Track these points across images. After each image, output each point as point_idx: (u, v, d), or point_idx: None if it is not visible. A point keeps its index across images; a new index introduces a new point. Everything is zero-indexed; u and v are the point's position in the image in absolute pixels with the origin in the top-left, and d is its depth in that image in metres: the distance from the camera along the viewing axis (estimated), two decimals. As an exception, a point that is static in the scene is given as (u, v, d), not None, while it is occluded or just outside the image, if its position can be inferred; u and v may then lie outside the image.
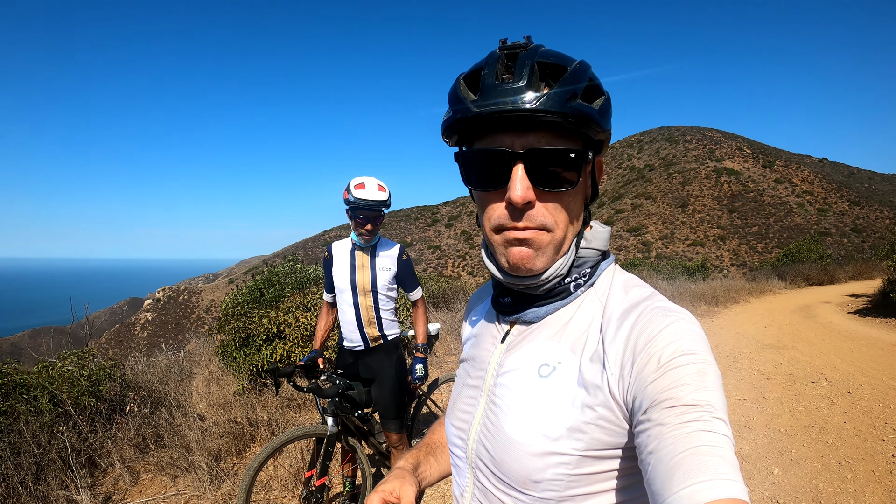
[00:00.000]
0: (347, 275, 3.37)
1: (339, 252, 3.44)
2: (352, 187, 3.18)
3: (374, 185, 3.20)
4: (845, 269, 24.86)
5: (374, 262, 3.38)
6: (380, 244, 3.43)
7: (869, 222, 62.06)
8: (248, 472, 2.96)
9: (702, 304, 14.80)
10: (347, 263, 3.39)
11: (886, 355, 8.09)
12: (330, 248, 3.49)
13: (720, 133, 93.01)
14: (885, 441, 4.73)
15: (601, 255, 0.91)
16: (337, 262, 3.42)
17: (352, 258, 3.39)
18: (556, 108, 0.75)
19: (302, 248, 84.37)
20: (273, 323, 5.88)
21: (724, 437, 0.63)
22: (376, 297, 3.39)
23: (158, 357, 6.83)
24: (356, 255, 3.38)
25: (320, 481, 3.16)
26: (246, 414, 4.92)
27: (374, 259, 3.39)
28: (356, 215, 3.21)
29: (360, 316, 3.39)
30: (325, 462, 3.17)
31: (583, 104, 0.77)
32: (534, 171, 0.79)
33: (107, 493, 3.92)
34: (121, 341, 38.33)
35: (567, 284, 0.88)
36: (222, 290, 58.05)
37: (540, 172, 0.79)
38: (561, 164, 0.79)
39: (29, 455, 3.72)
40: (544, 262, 0.84)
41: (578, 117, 0.77)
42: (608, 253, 0.94)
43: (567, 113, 0.76)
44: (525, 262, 0.83)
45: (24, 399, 4.14)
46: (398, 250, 3.45)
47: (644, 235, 63.71)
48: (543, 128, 0.79)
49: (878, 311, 12.85)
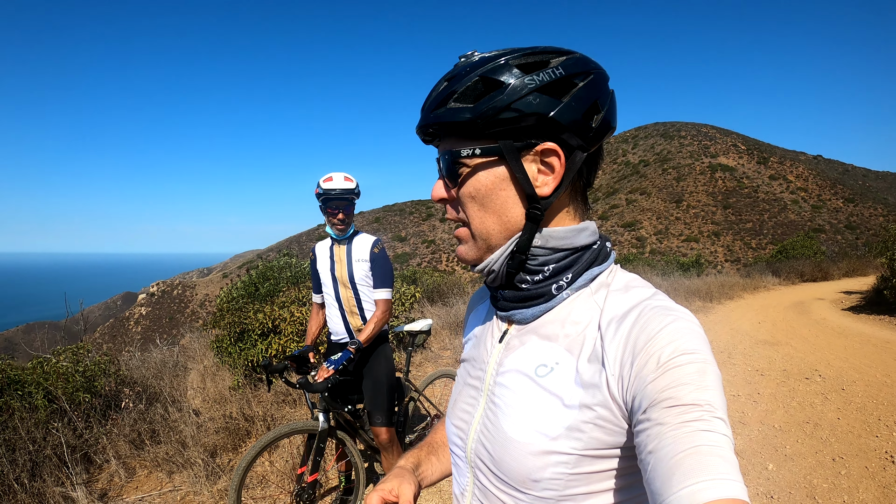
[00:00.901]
0: (328, 269, 3.52)
1: (320, 249, 3.60)
2: (320, 181, 3.34)
3: (341, 176, 3.35)
4: (839, 266, 24.90)
5: (350, 254, 3.49)
6: (356, 237, 3.53)
7: (863, 219, 62.36)
8: (238, 471, 2.97)
9: (696, 299, 14.83)
10: (328, 258, 3.53)
11: (880, 352, 8.13)
12: (314, 248, 3.66)
13: (715, 129, 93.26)
14: (878, 437, 4.76)
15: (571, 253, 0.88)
16: (319, 258, 3.58)
17: (331, 252, 3.53)
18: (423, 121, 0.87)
19: (297, 242, 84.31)
20: (268, 318, 5.87)
21: (724, 437, 0.63)
22: (355, 288, 3.49)
23: (153, 352, 6.81)
24: (334, 250, 3.52)
25: (312, 477, 3.16)
26: (241, 409, 4.92)
27: (349, 251, 3.49)
28: (327, 207, 3.34)
29: (343, 307, 3.53)
30: (317, 458, 3.17)
31: (448, 109, 0.84)
32: (445, 171, 0.88)
33: (102, 489, 3.91)
34: (115, 336, 38.26)
35: (548, 287, 0.88)
36: (217, 284, 57.97)
37: (448, 172, 0.87)
38: (457, 163, 0.86)
39: (24, 452, 3.71)
40: (473, 255, 0.90)
41: (437, 125, 0.86)
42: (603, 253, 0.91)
43: (429, 123, 0.86)
44: (460, 255, 0.93)
45: (19, 395, 4.13)
46: (371, 243, 3.51)
47: (638, 231, 63.87)
48: (449, 134, 0.86)
49: (871, 307, 12.89)
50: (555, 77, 0.80)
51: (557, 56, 0.83)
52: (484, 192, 0.85)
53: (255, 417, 4.82)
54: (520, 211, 0.85)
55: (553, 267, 0.87)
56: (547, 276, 0.88)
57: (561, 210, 0.88)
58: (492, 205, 0.86)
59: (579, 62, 0.83)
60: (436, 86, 0.87)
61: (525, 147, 0.82)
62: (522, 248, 0.86)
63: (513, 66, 0.80)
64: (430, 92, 0.88)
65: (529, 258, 0.88)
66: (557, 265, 0.87)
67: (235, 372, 5.73)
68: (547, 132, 0.81)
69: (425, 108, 0.88)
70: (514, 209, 0.85)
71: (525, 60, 0.81)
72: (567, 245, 0.87)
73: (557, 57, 0.83)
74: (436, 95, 0.86)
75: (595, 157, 0.89)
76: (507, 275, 0.90)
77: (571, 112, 0.80)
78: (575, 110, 0.80)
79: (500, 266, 0.89)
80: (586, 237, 0.88)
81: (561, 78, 0.80)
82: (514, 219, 0.86)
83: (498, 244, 0.88)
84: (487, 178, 0.84)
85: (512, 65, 0.81)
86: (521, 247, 0.86)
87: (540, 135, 0.81)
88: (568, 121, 0.80)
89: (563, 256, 0.88)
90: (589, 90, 0.82)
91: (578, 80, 0.82)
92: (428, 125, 0.86)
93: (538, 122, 0.80)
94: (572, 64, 0.82)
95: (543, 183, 0.84)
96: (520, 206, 0.85)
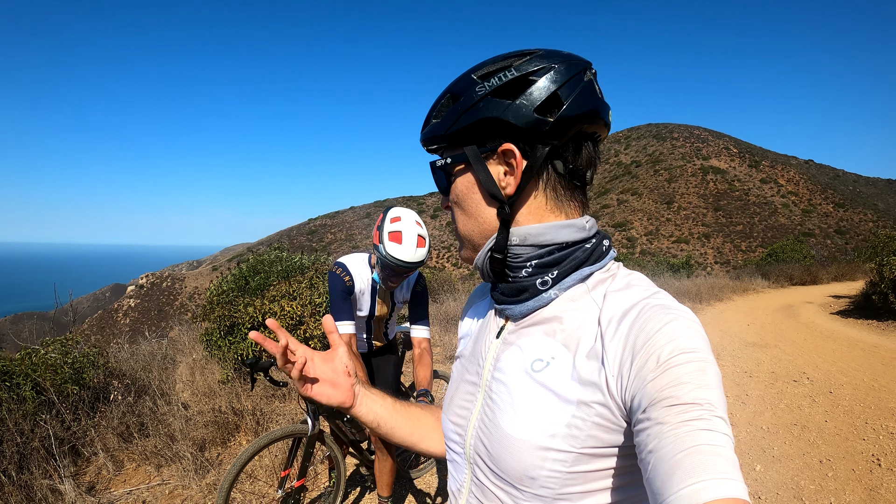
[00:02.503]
0: (366, 309, 3.11)
1: (359, 281, 3.01)
2: (385, 235, 2.72)
3: (413, 240, 2.72)
4: (828, 270, 25.11)
5: (394, 298, 3.18)
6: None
7: (852, 224, 62.83)
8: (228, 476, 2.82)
9: (686, 301, 14.86)
10: (368, 299, 3.08)
11: (867, 356, 8.20)
12: (347, 269, 2.99)
13: (707, 131, 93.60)
14: (865, 440, 4.80)
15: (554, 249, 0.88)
16: (358, 289, 3.02)
17: (373, 295, 3.08)
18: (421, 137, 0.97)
19: (287, 236, 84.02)
20: (258, 311, 5.85)
21: (724, 436, 0.63)
22: (388, 321, 3.32)
23: (142, 344, 6.79)
24: (378, 292, 3.09)
25: (300, 482, 3.09)
26: (230, 403, 4.90)
27: (393, 296, 3.18)
28: (385, 267, 2.81)
29: (371, 335, 3.32)
30: (305, 463, 3.08)
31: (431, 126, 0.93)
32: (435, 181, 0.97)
33: (90, 482, 3.89)
34: (103, 328, 38.04)
35: (531, 281, 0.88)
36: (206, 277, 57.72)
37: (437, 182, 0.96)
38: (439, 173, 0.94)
39: (11, 444, 3.68)
40: (466, 254, 0.98)
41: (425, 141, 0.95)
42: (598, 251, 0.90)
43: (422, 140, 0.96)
44: (461, 255, 1.01)
45: (7, 387, 4.09)
46: (414, 280, 3.19)
47: (629, 231, 64.07)
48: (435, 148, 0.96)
49: (859, 312, 13.03)
50: (507, 79, 0.83)
51: (520, 58, 0.85)
52: (462, 198, 0.92)
53: (244, 411, 4.80)
54: (491, 212, 0.89)
55: (535, 263, 0.88)
56: (531, 271, 0.89)
57: (537, 207, 0.88)
58: (468, 208, 0.92)
59: (537, 59, 0.84)
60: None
61: (489, 151, 0.86)
62: (499, 247, 0.89)
63: (475, 78, 0.86)
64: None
65: (511, 256, 0.90)
66: (540, 261, 0.88)
67: (225, 366, 5.71)
68: (504, 133, 0.84)
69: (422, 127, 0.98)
70: (486, 211, 0.90)
71: (487, 70, 0.86)
72: (548, 241, 0.87)
73: (520, 59, 0.85)
74: (427, 115, 0.95)
75: (579, 148, 0.86)
76: (493, 273, 0.93)
77: (522, 110, 0.81)
78: (526, 108, 0.81)
79: (483, 264, 0.94)
80: (572, 233, 0.87)
81: (514, 78, 0.83)
82: (487, 220, 0.90)
83: (480, 244, 0.93)
84: (462, 184, 0.92)
85: (474, 77, 0.86)
86: (497, 247, 0.90)
87: (500, 136, 0.84)
88: (519, 119, 0.82)
89: (547, 252, 0.88)
90: (548, 83, 0.82)
91: (536, 77, 0.83)
92: (422, 142, 0.96)
93: (494, 126, 0.83)
94: (527, 62, 0.84)
95: (507, 183, 0.86)
96: (491, 208, 0.89)
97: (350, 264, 3.00)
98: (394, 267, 2.74)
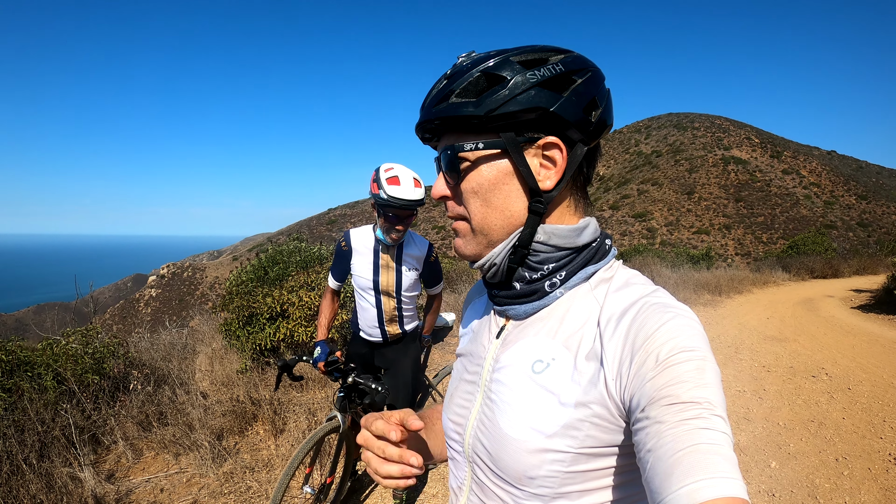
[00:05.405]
0: (370, 274, 3.10)
1: (360, 245, 3.11)
2: (383, 181, 2.79)
3: (410, 181, 2.83)
4: (850, 264, 24.64)
5: (401, 263, 3.12)
6: (406, 241, 3.13)
7: (875, 217, 61.77)
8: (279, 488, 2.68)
9: (705, 293, 14.77)
10: (370, 262, 3.09)
11: (887, 352, 8.08)
12: (348, 236, 3.13)
13: (729, 121, 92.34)
14: (882, 439, 4.75)
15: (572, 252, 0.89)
16: (358, 257, 3.11)
17: (375, 257, 3.08)
18: (424, 117, 0.88)
19: (307, 226, 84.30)
20: (277, 302, 5.89)
21: (723, 435, 0.63)
22: (400, 299, 3.19)
23: (162, 334, 6.87)
24: (380, 253, 3.09)
25: (330, 479, 3.09)
26: (248, 392, 4.95)
27: (400, 259, 3.11)
28: (385, 213, 2.85)
29: (383, 315, 3.21)
30: (336, 459, 3.03)
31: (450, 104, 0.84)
32: (446, 167, 0.88)
33: (110, 470, 3.96)
34: (124, 317, 38.54)
35: (541, 284, 0.89)
36: (226, 267, 58.15)
37: (449, 168, 0.88)
38: (458, 158, 0.86)
39: (33, 433, 3.75)
40: (472, 250, 0.91)
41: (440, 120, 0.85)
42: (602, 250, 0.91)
43: (430, 119, 0.86)
44: (458, 248, 0.94)
45: (29, 377, 4.18)
46: (426, 250, 3.18)
47: (649, 221, 63.48)
48: (451, 129, 0.87)
49: (881, 307, 12.80)
50: (555, 73, 0.81)
51: (556, 54, 0.84)
52: (487, 187, 0.86)
53: (261, 401, 4.85)
54: (522, 205, 0.86)
55: (553, 266, 0.88)
56: (545, 273, 0.88)
57: (561, 204, 0.89)
58: (494, 199, 0.86)
59: (577, 60, 0.84)
60: (436, 83, 0.88)
61: (527, 141, 0.83)
62: (524, 242, 0.87)
63: (514, 63, 0.82)
64: (430, 90, 0.89)
65: (531, 253, 0.88)
66: (557, 264, 0.88)
67: (243, 355, 5.78)
68: (548, 126, 0.82)
69: (425, 105, 0.88)
70: (517, 203, 0.86)
71: (525, 57, 0.83)
72: (569, 244, 0.88)
73: (556, 55, 0.84)
74: (436, 92, 0.86)
75: (593, 154, 0.90)
76: (507, 270, 0.90)
77: (572, 106, 0.81)
78: (575, 105, 0.81)
79: (501, 260, 0.90)
80: (587, 236, 0.89)
81: (560, 74, 0.81)
82: (516, 213, 0.86)
83: (499, 239, 0.89)
84: (490, 172, 0.85)
85: (513, 61, 0.82)
86: (523, 241, 0.87)
87: (541, 129, 0.83)
88: (569, 115, 0.81)
89: (564, 255, 0.88)
90: (587, 86, 0.83)
91: (577, 77, 0.83)
92: (430, 120, 0.87)
93: (540, 117, 0.81)
94: (571, 61, 0.83)
95: (546, 177, 0.84)
96: (522, 200, 0.86)
97: (353, 232, 3.16)
98: (396, 209, 2.82)
